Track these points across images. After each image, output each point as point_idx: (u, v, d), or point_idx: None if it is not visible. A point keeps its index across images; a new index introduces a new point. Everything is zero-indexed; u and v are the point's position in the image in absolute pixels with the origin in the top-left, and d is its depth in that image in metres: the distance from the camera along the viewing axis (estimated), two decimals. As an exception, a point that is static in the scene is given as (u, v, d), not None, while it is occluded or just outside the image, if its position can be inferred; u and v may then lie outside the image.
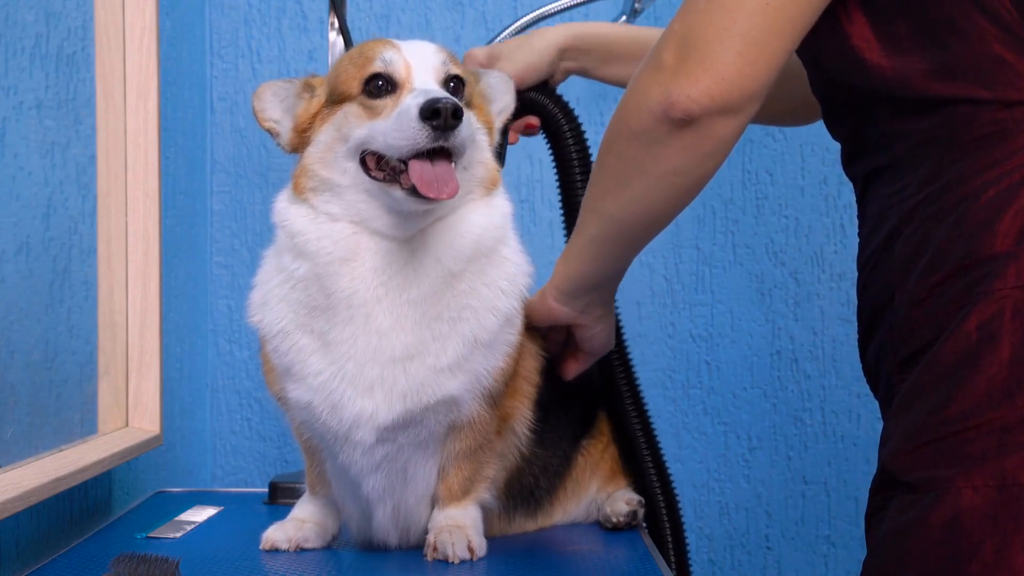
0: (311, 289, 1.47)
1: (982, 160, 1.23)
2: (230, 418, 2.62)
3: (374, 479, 1.52)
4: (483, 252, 1.49)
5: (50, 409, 1.77)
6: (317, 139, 1.50)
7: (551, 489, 1.71)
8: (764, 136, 2.60)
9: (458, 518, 1.55)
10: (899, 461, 1.22)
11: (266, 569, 1.50)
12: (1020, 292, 1.18)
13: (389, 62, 1.45)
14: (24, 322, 1.68)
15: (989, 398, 1.16)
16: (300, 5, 2.61)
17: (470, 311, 1.48)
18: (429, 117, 1.36)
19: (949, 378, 1.19)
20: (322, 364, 1.47)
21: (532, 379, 1.61)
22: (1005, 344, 1.17)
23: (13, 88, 1.67)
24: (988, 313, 1.18)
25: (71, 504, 1.84)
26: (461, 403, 1.50)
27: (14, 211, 1.67)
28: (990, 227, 1.20)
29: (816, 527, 2.61)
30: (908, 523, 1.19)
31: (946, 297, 1.22)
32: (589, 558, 1.59)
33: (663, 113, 1.26)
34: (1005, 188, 1.21)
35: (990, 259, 1.20)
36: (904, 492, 1.21)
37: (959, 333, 1.20)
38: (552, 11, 2.07)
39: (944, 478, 1.17)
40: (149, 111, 2.01)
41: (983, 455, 1.15)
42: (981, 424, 1.16)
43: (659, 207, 1.37)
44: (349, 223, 1.46)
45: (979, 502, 1.14)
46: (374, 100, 1.45)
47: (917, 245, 1.26)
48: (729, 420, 2.61)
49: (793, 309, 2.61)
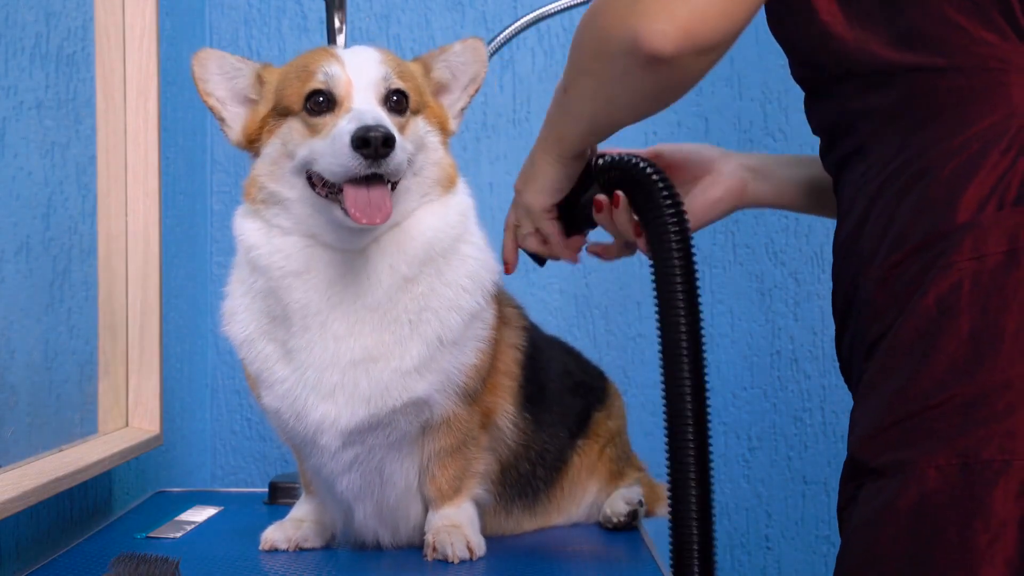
0: (269, 300, 1.49)
1: (942, 132, 1.20)
2: (230, 418, 2.62)
3: (347, 479, 1.53)
4: (439, 253, 1.49)
5: (50, 409, 1.77)
6: (265, 151, 1.49)
7: (548, 481, 1.71)
8: (764, 136, 2.60)
9: (454, 517, 1.55)
10: (865, 447, 1.19)
11: (266, 569, 1.50)
12: (977, 263, 1.14)
13: (330, 77, 1.44)
14: (24, 322, 1.68)
15: (951, 375, 1.13)
16: (300, 5, 2.61)
17: (430, 312, 1.48)
18: (360, 147, 1.35)
19: (910, 357, 1.16)
20: (286, 372, 1.49)
21: (512, 373, 1.61)
22: (964, 318, 1.13)
23: (13, 88, 1.67)
24: (946, 286, 1.15)
25: (71, 504, 1.84)
26: (432, 403, 1.50)
27: (14, 211, 1.67)
28: (953, 201, 1.17)
29: (816, 527, 2.61)
30: (877, 510, 1.16)
31: (908, 275, 1.19)
32: (589, 558, 1.59)
33: (632, 48, 1.19)
34: (966, 160, 1.18)
35: (952, 233, 1.16)
36: (872, 479, 1.18)
37: (918, 309, 1.16)
38: (552, 11, 2.07)
39: (909, 460, 1.13)
40: (149, 111, 2.01)
41: (946, 433, 1.12)
42: (943, 402, 1.13)
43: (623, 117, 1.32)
44: (301, 236, 1.47)
45: (943, 483, 1.11)
46: (314, 118, 1.44)
47: (884, 225, 1.23)
48: (729, 420, 2.61)
49: (793, 309, 2.61)
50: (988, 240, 1.15)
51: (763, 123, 2.60)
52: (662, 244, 1.34)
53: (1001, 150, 1.17)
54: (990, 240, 1.15)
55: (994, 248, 1.14)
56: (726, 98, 2.61)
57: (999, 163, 1.17)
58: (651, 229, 1.36)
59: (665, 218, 1.33)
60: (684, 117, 2.61)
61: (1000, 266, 1.14)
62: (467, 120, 2.55)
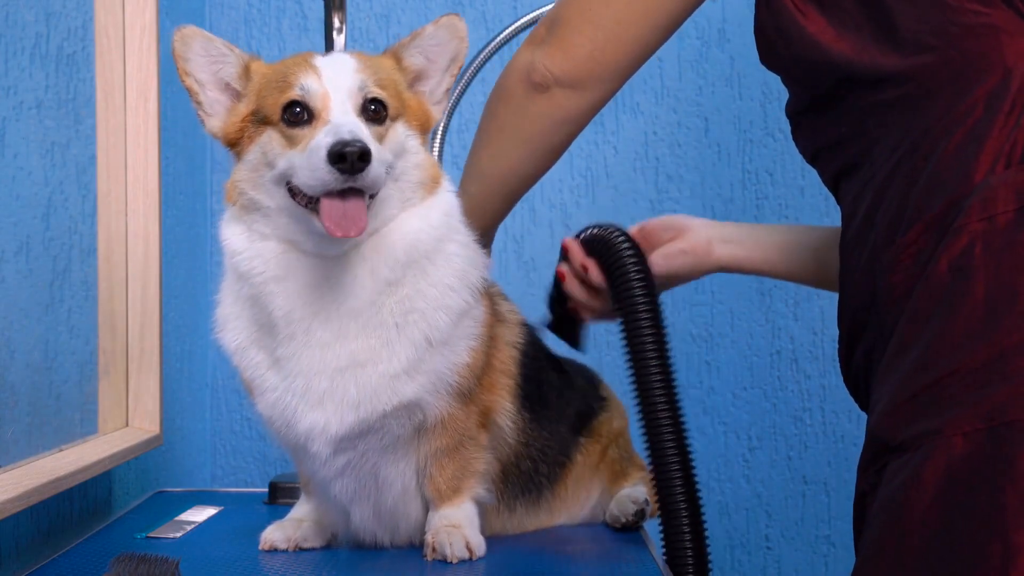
0: (255, 308, 1.49)
1: (944, 106, 1.21)
2: (230, 418, 2.62)
3: (340, 483, 1.53)
4: (422, 255, 1.47)
5: (50, 409, 1.77)
6: (246, 158, 1.48)
7: (552, 479, 1.70)
8: (764, 136, 2.60)
9: (453, 517, 1.55)
10: (887, 423, 1.18)
11: (265, 569, 1.50)
12: (987, 224, 1.14)
13: (307, 91, 1.42)
14: (24, 322, 1.68)
15: (968, 339, 1.12)
16: (300, 5, 2.61)
17: (417, 314, 1.46)
18: (336, 161, 1.35)
19: (927, 326, 1.15)
20: (275, 380, 1.49)
21: (509, 371, 1.60)
22: (978, 280, 1.13)
23: (13, 88, 1.67)
24: (958, 250, 1.14)
25: (71, 504, 1.84)
26: (423, 405, 1.49)
27: (14, 211, 1.67)
28: (965, 168, 1.17)
29: (816, 527, 2.61)
30: (902, 485, 1.13)
31: (922, 250, 1.19)
32: (589, 558, 1.59)
33: (526, 76, 1.48)
34: (972, 126, 1.18)
35: (962, 199, 1.16)
36: (897, 456, 1.16)
37: (932, 278, 1.16)
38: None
39: (934, 429, 1.12)
40: (149, 111, 2.01)
41: (969, 398, 1.10)
42: (963, 367, 1.11)
43: (520, 167, 1.56)
44: (279, 242, 1.46)
45: (971, 449, 1.09)
46: (292, 129, 1.43)
47: (897, 210, 1.23)
48: (729, 420, 2.61)
49: (793, 309, 2.61)
50: (997, 200, 1.14)
51: (763, 123, 2.60)
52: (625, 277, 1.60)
53: (1005, 112, 1.17)
54: (999, 200, 1.14)
55: (1003, 207, 1.14)
56: (726, 98, 2.61)
57: (1005, 124, 1.17)
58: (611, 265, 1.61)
59: (624, 254, 1.60)
60: (684, 117, 2.61)
61: (1011, 224, 1.13)
62: (467, 120, 2.55)
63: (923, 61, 1.22)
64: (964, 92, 1.20)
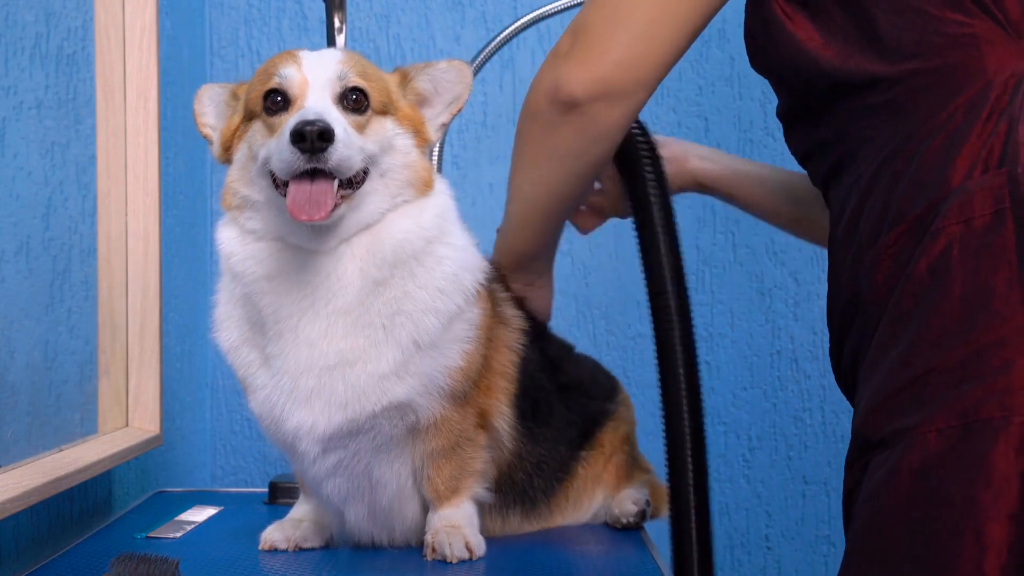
0: (248, 307, 1.50)
1: (927, 111, 1.23)
2: (230, 418, 2.62)
3: (332, 483, 1.53)
4: (410, 255, 1.47)
5: (50, 409, 1.77)
6: (236, 156, 1.51)
7: (548, 492, 1.70)
8: (764, 136, 2.60)
9: (452, 518, 1.55)
10: (869, 421, 1.20)
11: (265, 569, 1.51)
12: (965, 227, 1.16)
13: (286, 78, 1.44)
14: (24, 322, 1.68)
15: (946, 337, 1.14)
16: (300, 5, 2.61)
17: (404, 315, 1.46)
18: (297, 141, 1.35)
19: (908, 325, 1.17)
20: (265, 378, 1.50)
21: (508, 374, 1.59)
22: (956, 281, 1.15)
23: (13, 88, 1.67)
24: (936, 252, 1.17)
25: (71, 504, 1.84)
26: (415, 406, 1.49)
27: (14, 211, 1.67)
28: (944, 173, 1.19)
29: (816, 527, 2.61)
30: (881, 480, 1.16)
31: (903, 251, 1.21)
32: (590, 558, 1.59)
33: (552, 95, 1.40)
34: (952, 132, 1.21)
35: (940, 202, 1.19)
36: (878, 453, 1.18)
37: (912, 278, 1.18)
38: (552, 11, 2.07)
39: (911, 426, 1.14)
40: (149, 111, 2.01)
41: (945, 396, 1.12)
42: (940, 365, 1.13)
43: (561, 187, 1.51)
44: (272, 240, 1.47)
45: (944, 445, 1.11)
46: (272, 118, 1.44)
47: (880, 211, 1.25)
48: (729, 420, 2.61)
49: (793, 309, 2.61)
50: (974, 203, 1.17)
51: (763, 123, 2.60)
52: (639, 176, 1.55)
53: (983, 119, 1.20)
54: (976, 203, 1.16)
55: (980, 210, 1.16)
56: (726, 98, 2.61)
57: (983, 131, 1.19)
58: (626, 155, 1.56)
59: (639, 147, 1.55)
60: (684, 117, 2.61)
61: (987, 227, 1.15)
62: (467, 120, 2.56)
63: (908, 68, 1.25)
64: (946, 99, 1.22)
